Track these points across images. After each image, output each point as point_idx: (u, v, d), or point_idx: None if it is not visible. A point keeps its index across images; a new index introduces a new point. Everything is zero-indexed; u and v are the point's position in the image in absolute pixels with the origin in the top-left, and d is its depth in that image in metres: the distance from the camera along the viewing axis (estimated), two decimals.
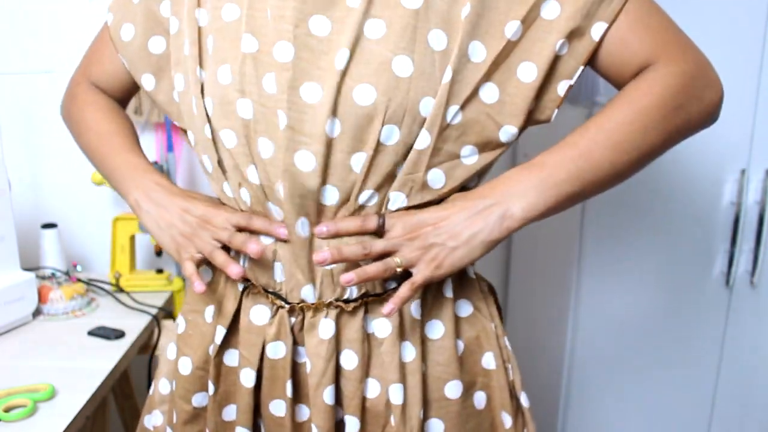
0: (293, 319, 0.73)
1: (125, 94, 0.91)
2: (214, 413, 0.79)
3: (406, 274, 0.70)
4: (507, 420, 0.79)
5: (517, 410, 0.80)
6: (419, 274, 0.68)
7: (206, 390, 0.80)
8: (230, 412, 0.80)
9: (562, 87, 0.68)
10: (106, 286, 1.38)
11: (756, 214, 1.37)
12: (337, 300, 0.71)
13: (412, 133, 0.66)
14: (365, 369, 0.73)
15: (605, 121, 0.67)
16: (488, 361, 0.78)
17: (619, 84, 0.70)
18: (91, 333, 1.17)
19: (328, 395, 0.72)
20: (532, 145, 1.59)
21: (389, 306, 0.68)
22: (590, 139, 0.66)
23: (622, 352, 1.44)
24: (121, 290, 1.36)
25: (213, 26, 0.71)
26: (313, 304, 0.72)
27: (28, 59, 1.45)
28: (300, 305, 0.72)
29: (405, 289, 0.68)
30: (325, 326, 0.72)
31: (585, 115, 1.32)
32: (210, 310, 0.80)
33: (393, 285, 0.73)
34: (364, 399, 0.74)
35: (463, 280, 0.77)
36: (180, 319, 0.83)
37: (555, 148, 0.68)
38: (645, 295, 1.41)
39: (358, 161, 0.66)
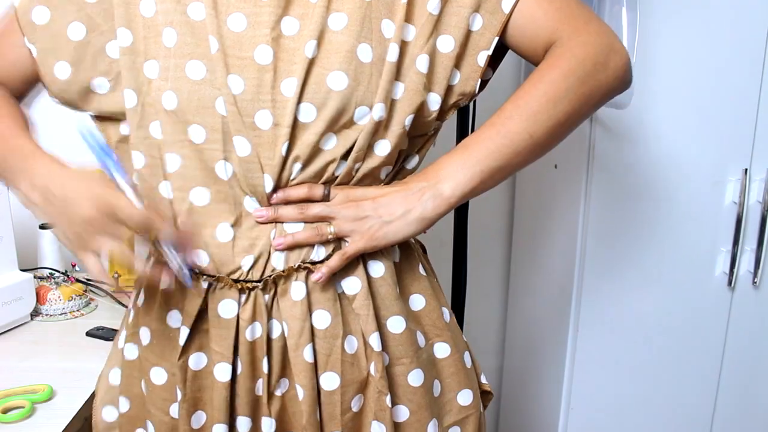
0: (267, 297, 0.75)
1: (24, 86, 0.83)
2: (184, 421, 0.78)
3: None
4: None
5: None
6: (352, 245, 0.74)
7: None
8: (199, 419, 0.79)
9: (481, 57, 0.75)
10: (105, 287, 1.38)
11: (758, 213, 1.37)
12: (303, 262, 0.75)
13: (376, 112, 0.72)
14: (341, 326, 0.76)
15: (518, 97, 0.73)
16: (445, 314, 0.85)
17: (534, 61, 0.77)
18: (89, 334, 1.16)
19: (308, 353, 0.75)
20: None
21: (318, 274, 0.73)
22: (506, 115, 0.73)
23: (623, 352, 1.44)
24: (120, 290, 1.36)
25: (174, 19, 0.71)
26: (283, 271, 0.74)
27: None
28: (272, 277, 0.75)
29: (335, 258, 0.74)
30: (297, 288, 0.75)
31: None
32: (174, 315, 0.78)
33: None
34: (343, 354, 0.76)
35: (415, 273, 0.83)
36: (143, 332, 0.80)
37: (476, 131, 0.75)
38: (646, 295, 1.41)
39: (331, 142, 0.72)
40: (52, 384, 0.96)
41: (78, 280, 1.33)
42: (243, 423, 0.78)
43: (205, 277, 0.76)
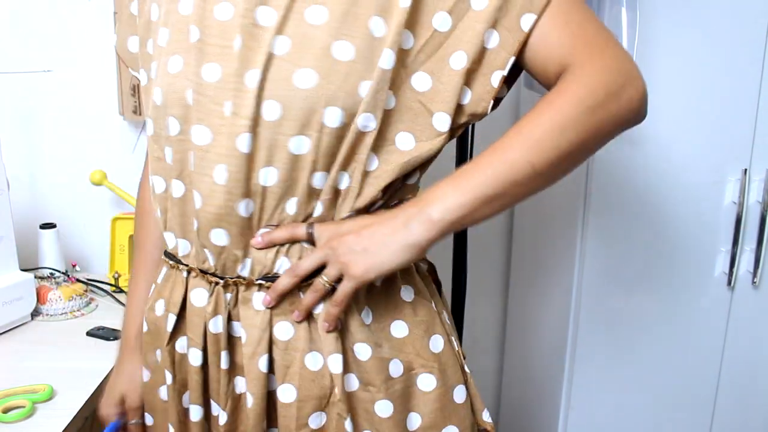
0: (228, 295, 0.76)
1: None
2: (175, 402, 0.81)
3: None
4: (461, 393, 0.81)
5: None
6: (341, 290, 0.71)
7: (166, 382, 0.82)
8: (187, 399, 0.82)
9: (495, 77, 0.70)
10: (105, 287, 1.38)
11: (758, 213, 1.37)
12: (267, 278, 0.74)
13: (353, 115, 0.68)
14: (303, 341, 0.74)
15: (524, 124, 0.68)
16: (436, 344, 0.80)
17: (546, 85, 0.72)
18: (89, 333, 1.17)
19: (263, 363, 0.75)
20: None
21: (296, 314, 0.73)
22: (507, 142, 0.68)
23: (622, 352, 1.44)
24: (121, 290, 1.36)
25: (168, 19, 0.73)
26: (245, 279, 0.75)
27: (28, 59, 1.45)
28: (234, 280, 0.75)
29: (329, 306, 0.72)
30: (259, 299, 0.75)
31: None
32: (160, 303, 0.82)
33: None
34: (302, 369, 0.75)
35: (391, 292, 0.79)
36: (144, 321, 0.85)
37: (476, 157, 0.70)
38: (646, 295, 1.41)
39: (301, 144, 0.69)
40: (53, 384, 0.96)
41: (78, 280, 1.33)
42: (214, 407, 0.81)
43: (181, 266, 0.79)
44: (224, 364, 0.77)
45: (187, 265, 0.78)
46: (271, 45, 0.67)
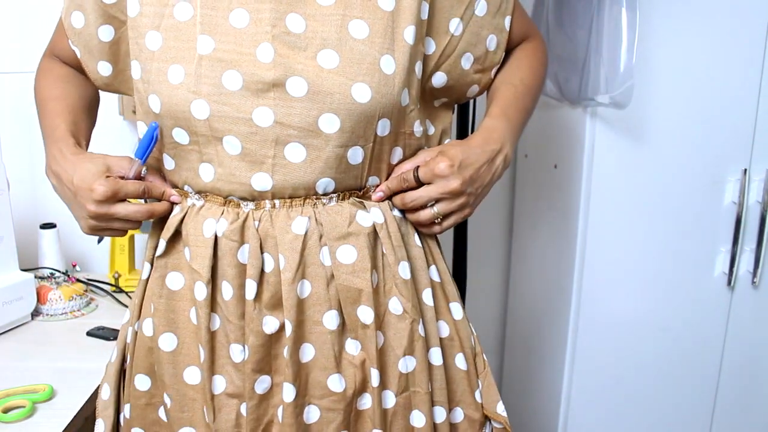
0: (257, 223, 0.73)
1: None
2: (156, 340, 0.81)
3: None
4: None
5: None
6: (450, 223, 0.81)
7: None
8: (171, 342, 0.81)
9: (494, 72, 0.86)
10: (106, 287, 1.38)
11: (758, 213, 1.37)
12: (315, 195, 0.74)
13: (400, 123, 0.77)
14: (372, 261, 0.76)
15: (526, 78, 0.86)
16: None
17: None
18: (90, 333, 1.17)
19: (302, 289, 0.74)
20: (531, 146, 1.58)
21: (380, 194, 0.79)
22: (521, 92, 0.85)
23: (622, 352, 1.44)
24: (121, 290, 1.36)
25: (161, 23, 0.72)
26: (289, 198, 0.73)
27: (28, 59, 1.45)
28: (272, 200, 0.73)
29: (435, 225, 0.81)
30: (300, 224, 0.73)
31: (587, 114, 1.32)
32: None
33: (372, 181, 0.79)
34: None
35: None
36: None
37: (500, 101, 0.84)
38: (646, 294, 1.41)
39: (357, 154, 0.74)
40: (53, 384, 0.96)
41: (79, 280, 1.33)
42: (236, 351, 0.76)
43: (197, 195, 0.77)
44: (250, 295, 0.74)
45: (201, 192, 0.76)
46: (319, 59, 0.70)
